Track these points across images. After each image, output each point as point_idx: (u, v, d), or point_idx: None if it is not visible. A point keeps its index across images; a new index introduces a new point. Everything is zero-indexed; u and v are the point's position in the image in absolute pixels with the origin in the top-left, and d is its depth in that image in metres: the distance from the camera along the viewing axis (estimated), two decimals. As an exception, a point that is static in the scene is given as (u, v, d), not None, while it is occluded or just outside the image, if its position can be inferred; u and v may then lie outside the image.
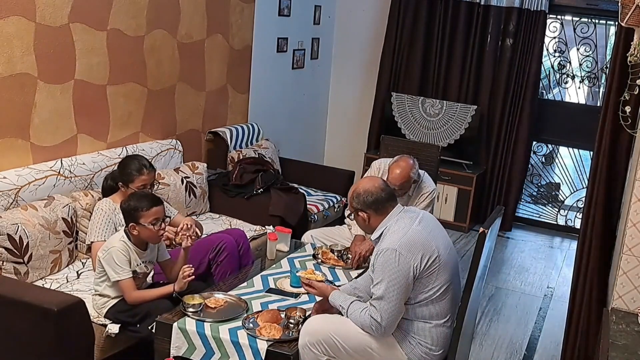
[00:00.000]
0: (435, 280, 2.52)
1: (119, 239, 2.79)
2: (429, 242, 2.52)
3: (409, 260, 2.45)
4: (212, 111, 4.72)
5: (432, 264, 2.50)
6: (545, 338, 4.02)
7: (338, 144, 6.52)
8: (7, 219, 2.93)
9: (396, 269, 2.44)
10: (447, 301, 2.58)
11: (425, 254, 2.49)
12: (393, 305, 2.45)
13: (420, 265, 2.47)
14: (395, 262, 2.44)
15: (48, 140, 3.41)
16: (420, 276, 2.49)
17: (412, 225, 2.56)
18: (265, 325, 2.58)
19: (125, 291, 2.75)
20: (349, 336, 2.57)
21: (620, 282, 2.68)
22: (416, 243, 2.49)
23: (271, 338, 2.53)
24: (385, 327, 2.47)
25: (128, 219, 2.78)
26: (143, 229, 2.76)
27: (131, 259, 2.78)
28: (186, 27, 4.30)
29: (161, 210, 2.81)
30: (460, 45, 5.79)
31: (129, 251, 2.78)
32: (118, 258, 2.74)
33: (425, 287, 2.51)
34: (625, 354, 2.30)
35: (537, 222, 6.16)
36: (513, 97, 5.73)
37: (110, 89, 3.76)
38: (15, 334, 2.55)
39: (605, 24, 5.55)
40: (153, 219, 2.76)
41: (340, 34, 6.30)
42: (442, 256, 2.53)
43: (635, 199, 2.61)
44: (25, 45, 3.20)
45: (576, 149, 5.92)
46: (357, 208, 2.65)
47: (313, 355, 2.57)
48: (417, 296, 2.53)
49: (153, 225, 2.75)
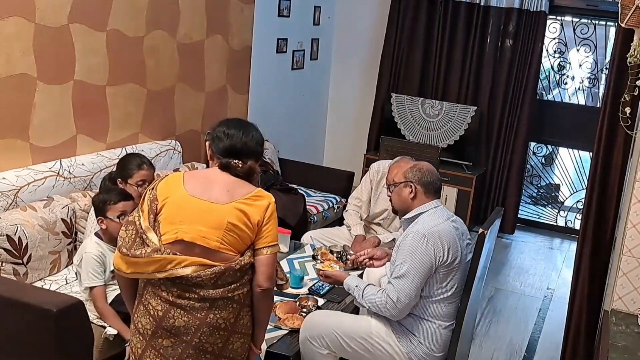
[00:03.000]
0: (452, 280, 2.56)
1: (93, 242, 2.81)
2: (457, 241, 2.58)
3: (435, 248, 2.50)
4: (211, 112, 4.72)
5: (454, 262, 2.55)
6: (545, 339, 4.02)
7: (338, 145, 6.52)
8: (6, 219, 2.92)
9: (422, 252, 2.49)
10: (456, 305, 2.60)
11: (451, 249, 2.54)
12: (412, 286, 2.48)
13: (444, 257, 2.52)
14: (423, 245, 2.50)
15: (47, 141, 3.41)
16: (440, 269, 2.52)
17: (446, 221, 2.62)
18: (288, 317, 2.70)
19: (95, 299, 2.75)
20: (349, 330, 2.59)
21: (620, 283, 2.68)
22: (446, 236, 2.55)
23: (296, 327, 2.59)
24: (400, 308, 2.51)
25: (97, 212, 2.83)
26: (110, 222, 2.78)
27: (106, 261, 2.78)
28: (186, 28, 4.30)
29: (129, 205, 2.82)
30: (460, 46, 5.79)
31: (104, 254, 2.79)
32: (91, 264, 2.75)
33: (442, 282, 2.55)
34: (625, 355, 2.29)
35: (536, 223, 6.16)
36: (513, 98, 5.73)
37: (109, 90, 3.76)
38: (14, 334, 2.55)
39: (605, 24, 5.55)
40: (120, 212, 2.78)
41: (340, 35, 6.30)
42: (463, 260, 2.58)
43: (635, 200, 2.61)
44: (24, 45, 3.19)
45: (576, 150, 5.92)
46: (411, 180, 2.70)
47: (314, 349, 2.58)
48: (433, 289, 2.54)
49: (119, 219, 2.77)
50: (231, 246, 2.07)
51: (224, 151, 2.16)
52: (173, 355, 2.07)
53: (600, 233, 3.09)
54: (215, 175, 2.14)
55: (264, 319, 2.19)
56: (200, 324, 2.05)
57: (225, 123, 2.23)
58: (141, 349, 2.10)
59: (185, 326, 2.05)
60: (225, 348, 2.11)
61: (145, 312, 2.07)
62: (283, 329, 2.63)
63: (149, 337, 2.07)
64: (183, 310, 2.05)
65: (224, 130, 2.18)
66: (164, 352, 2.08)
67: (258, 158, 2.23)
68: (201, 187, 2.11)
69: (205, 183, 2.13)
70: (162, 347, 2.07)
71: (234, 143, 2.16)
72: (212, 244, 2.05)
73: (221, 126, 2.20)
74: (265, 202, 2.13)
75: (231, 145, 2.16)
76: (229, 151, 2.15)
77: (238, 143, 2.16)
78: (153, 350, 2.08)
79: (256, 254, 2.11)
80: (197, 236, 2.05)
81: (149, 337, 2.07)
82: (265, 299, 2.15)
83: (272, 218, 2.13)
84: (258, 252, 2.11)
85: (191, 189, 2.10)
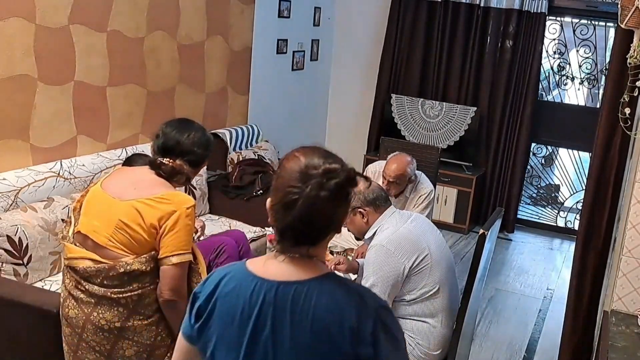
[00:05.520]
0: (427, 278, 2.54)
1: None
2: (420, 240, 2.55)
3: (397, 256, 2.49)
4: (211, 112, 4.72)
5: (423, 262, 2.52)
6: (544, 340, 4.02)
7: (338, 146, 6.49)
8: (6, 220, 2.93)
9: (384, 264, 2.48)
10: (442, 300, 2.59)
11: (414, 251, 2.51)
12: (384, 297, 2.46)
13: (410, 260, 2.49)
14: (384, 257, 2.49)
15: (48, 141, 3.41)
16: (410, 274, 2.51)
17: (403, 224, 2.60)
18: None
19: None
20: None
21: (619, 283, 2.68)
22: (406, 240, 2.53)
23: None
24: None
25: None
26: None
27: None
28: (186, 29, 4.30)
29: None
30: (460, 46, 5.79)
31: None
32: None
33: (417, 284, 2.54)
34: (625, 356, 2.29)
35: (536, 223, 6.16)
36: (513, 98, 5.73)
37: (110, 90, 3.76)
38: (14, 335, 2.55)
39: (605, 25, 5.55)
40: None
41: (340, 36, 6.30)
42: (433, 255, 2.55)
43: (634, 200, 2.61)
44: (25, 46, 3.20)
45: (576, 151, 5.92)
46: (356, 206, 2.66)
47: None
48: (410, 293, 2.55)
49: None
50: (122, 245, 2.00)
51: (157, 149, 2.15)
52: (71, 344, 2.11)
53: (600, 233, 3.09)
54: (142, 173, 2.11)
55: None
56: (85, 320, 2.06)
57: (168, 122, 2.21)
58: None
59: (75, 318, 2.08)
60: (115, 352, 2.06)
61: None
62: None
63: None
64: (75, 302, 2.08)
65: (162, 128, 2.18)
66: (67, 340, 2.13)
67: (195, 160, 2.15)
68: (118, 183, 2.10)
69: (125, 179, 2.12)
70: (64, 334, 2.15)
71: (166, 141, 2.13)
72: (101, 239, 2.02)
73: (163, 124, 2.20)
74: (171, 208, 1.98)
75: (163, 143, 2.14)
76: (160, 149, 2.14)
77: (170, 141, 2.13)
78: (63, 336, 2.16)
79: (159, 263, 2.02)
80: (90, 229, 2.05)
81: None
82: (167, 310, 2.05)
83: (178, 226, 1.98)
84: (160, 261, 2.02)
85: (107, 184, 2.11)
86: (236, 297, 1.27)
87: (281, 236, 1.27)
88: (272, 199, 1.28)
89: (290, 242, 1.26)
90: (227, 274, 1.31)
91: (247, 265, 1.31)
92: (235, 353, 1.25)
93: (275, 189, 1.28)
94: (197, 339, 1.33)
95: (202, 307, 1.31)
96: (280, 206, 1.24)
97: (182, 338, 1.38)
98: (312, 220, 1.24)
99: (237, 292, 1.27)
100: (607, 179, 3.04)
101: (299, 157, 1.28)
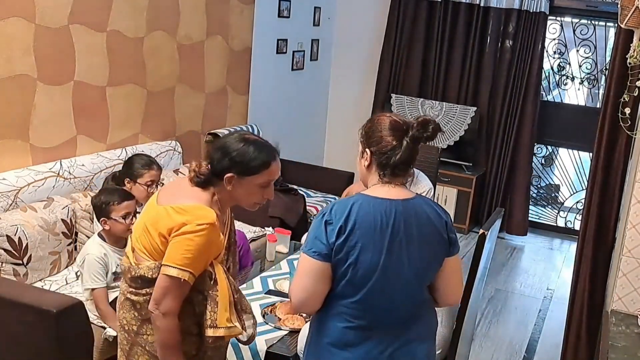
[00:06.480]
0: None
1: (96, 243, 2.82)
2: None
3: None
4: (211, 112, 4.72)
5: None
6: (544, 340, 4.02)
7: (338, 145, 6.52)
8: (6, 220, 2.92)
9: None
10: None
11: None
12: None
13: None
14: None
15: (47, 141, 3.41)
16: None
17: None
18: (288, 317, 2.67)
19: (97, 300, 2.76)
20: None
21: (620, 284, 2.68)
22: None
23: (296, 328, 2.59)
24: None
25: (100, 214, 2.83)
26: (114, 224, 2.79)
27: (109, 263, 2.79)
28: (186, 29, 4.30)
29: (132, 205, 2.85)
30: (460, 46, 5.79)
31: (107, 255, 2.79)
32: (93, 266, 2.75)
33: None
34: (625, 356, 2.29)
35: (536, 223, 6.16)
36: (513, 98, 5.73)
37: (109, 90, 3.76)
38: (14, 335, 2.55)
39: (605, 25, 5.55)
40: (124, 213, 2.80)
41: (340, 36, 6.30)
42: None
43: (634, 200, 2.61)
44: (24, 46, 3.20)
45: (576, 151, 5.92)
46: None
47: None
48: None
49: (124, 219, 2.79)
50: (145, 249, 1.95)
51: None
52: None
53: (600, 234, 3.08)
54: (187, 180, 2.03)
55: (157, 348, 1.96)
56: (118, 316, 2.08)
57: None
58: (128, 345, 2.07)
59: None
60: (131, 355, 2.03)
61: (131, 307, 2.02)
62: (283, 329, 2.63)
63: (134, 334, 2.03)
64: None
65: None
66: (150, 349, 2.01)
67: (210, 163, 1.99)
68: (170, 187, 2.10)
69: (175, 184, 2.16)
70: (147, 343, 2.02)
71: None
72: (133, 239, 2.02)
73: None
74: (182, 220, 1.87)
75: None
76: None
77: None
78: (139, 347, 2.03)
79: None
80: (133, 229, 2.08)
81: (134, 334, 2.03)
82: (153, 323, 1.94)
83: (181, 238, 1.86)
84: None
85: (164, 187, 2.13)
86: (373, 214, 1.80)
87: (392, 171, 1.86)
88: (375, 149, 1.89)
89: (396, 175, 1.87)
90: (354, 202, 1.81)
91: (369, 194, 1.85)
92: (379, 252, 1.79)
93: (376, 142, 1.88)
94: (338, 251, 1.78)
95: (343, 226, 1.78)
96: (385, 151, 1.87)
97: (317, 261, 1.79)
98: (408, 160, 1.87)
99: (373, 211, 1.80)
100: (608, 179, 3.03)
101: (390, 117, 1.92)
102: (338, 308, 1.85)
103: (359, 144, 2.01)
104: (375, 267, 1.80)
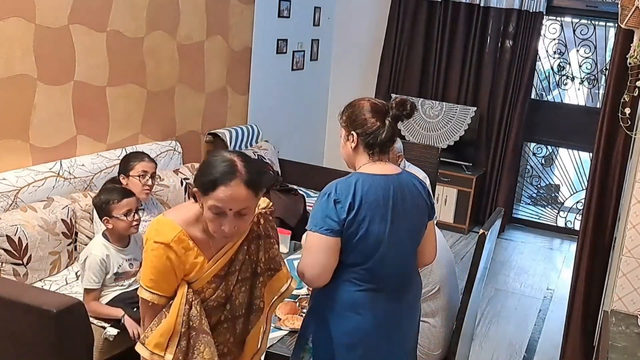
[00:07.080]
0: (427, 278, 2.54)
1: (100, 243, 2.82)
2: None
3: None
4: (211, 112, 4.72)
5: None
6: (544, 340, 4.02)
7: (338, 145, 6.46)
8: (6, 220, 2.92)
9: None
10: (442, 300, 2.59)
11: None
12: None
13: None
14: None
15: (47, 141, 3.41)
16: None
17: None
18: (288, 317, 2.68)
19: (87, 299, 2.77)
20: None
21: (619, 284, 2.68)
22: None
23: (296, 328, 2.59)
24: None
25: (101, 213, 2.82)
26: (116, 221, 2.79)
27: (110, 262, 2.79)
28: (186, 29, 4.30)
29: (133, 202, 2.84)
30: (460, 46, 5.79)
31: (109, 256, 2.79)
32: (93, 267, 2.76)
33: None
34: (625, 356, 2.29)
35: (536, 223, 6.16)
36: (512, 98, 5.73)
37: (109, 91, 3.76)
38: (14, 335, 2.55)
39: (605, 25, 5.55)
40: (126, 210, 2.79)
41: (340, 36, 6.30)
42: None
43: (634, 200, 2.61)
44: (24, 46, 3.20)
45: (576, 151, 5.92)
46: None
47: None
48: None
49: (126, 217, 2.79)
50: None
51: None
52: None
53: (600, 234, 3.09)
54: None
55: None
56: None
57: None
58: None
59: None
60: None
61: None
62: (283, 329, 2.63)
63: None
64: None
65: None
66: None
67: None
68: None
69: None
70: None
71: None
72: None
73: None
74: (147, 234, 1.74)
75: None
76: None
77: None
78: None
79: None
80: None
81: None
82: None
83: (144, 256, 1.73)
84: None
85: None
86: (375, 189, 1.99)
87: (380, 149, 2.03)
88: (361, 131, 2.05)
89: (384, 152, 2.05)
90: (356, 180, 1.98)
91: (366, 172, 2.02)
92: (385, 223, 1.99)
93: (361, 124, 2.05)
94: (349, 226, 1.95)
95: (352, 202, 1.95)
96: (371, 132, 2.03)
97: (330, 237, 1.95)
98: (392, 138, 2.04)
99: (375, 186, 1.99)
100: (608, 179, 3.04)
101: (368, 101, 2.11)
102: (348, 275, 2.02)
103: (340, 129, 2.20)
104: (382, 236, 1.99)
